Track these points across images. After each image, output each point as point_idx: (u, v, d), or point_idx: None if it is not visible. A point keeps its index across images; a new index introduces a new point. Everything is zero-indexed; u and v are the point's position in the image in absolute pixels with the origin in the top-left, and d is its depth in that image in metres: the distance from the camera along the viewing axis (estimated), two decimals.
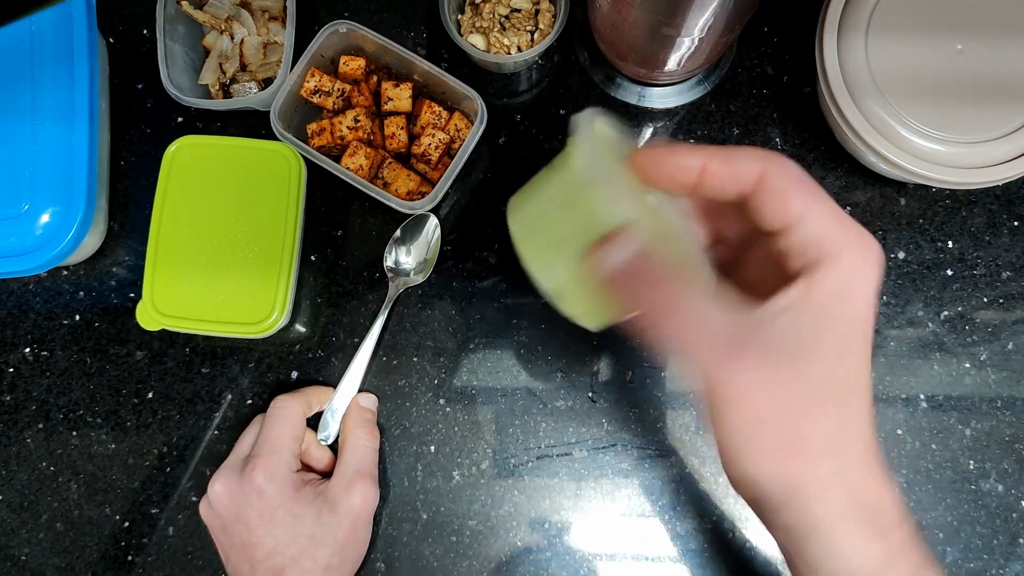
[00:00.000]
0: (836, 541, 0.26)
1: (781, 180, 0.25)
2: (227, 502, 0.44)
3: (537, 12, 0.53)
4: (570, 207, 0.26)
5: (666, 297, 0.24)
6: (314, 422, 0.49)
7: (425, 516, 0.50)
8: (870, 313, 0.25)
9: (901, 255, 0.52)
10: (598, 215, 0.25)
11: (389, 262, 0.52)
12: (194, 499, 0.50)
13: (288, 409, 0.47)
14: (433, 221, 0.52)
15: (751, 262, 0.30)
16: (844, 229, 0.25)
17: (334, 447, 0.49)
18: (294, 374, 0.52)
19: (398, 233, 0.52)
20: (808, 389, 0.24)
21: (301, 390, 0.49)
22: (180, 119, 0.55)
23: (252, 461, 0.44)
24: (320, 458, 0.49)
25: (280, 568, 0.43)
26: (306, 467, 0.48)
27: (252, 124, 0.54)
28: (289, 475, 0.45)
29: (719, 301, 0.25)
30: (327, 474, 0.48)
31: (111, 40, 0.56)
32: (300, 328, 0.52)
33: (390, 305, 0.51)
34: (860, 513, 0.26)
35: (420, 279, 0.51)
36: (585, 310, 0.27)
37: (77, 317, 0.53)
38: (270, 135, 0.49)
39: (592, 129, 0.26)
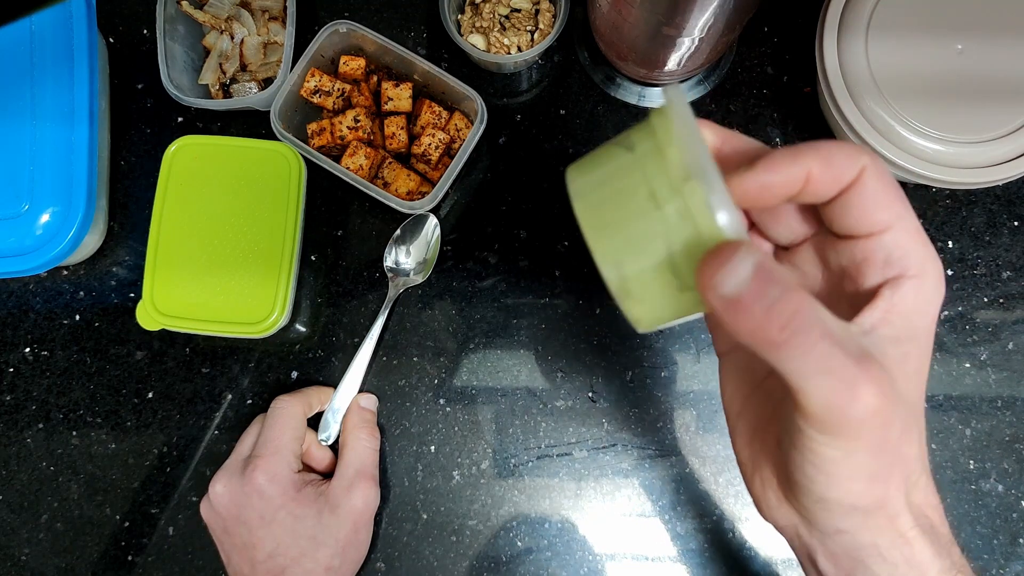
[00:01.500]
0: (914, 556, 0.25)
1: (877, 184, 0.23)
2: (228, 502, 0.44)
3: (537, 12, 0.53)
4: (659, 204, 0.22)
5: (794, 314, 0.20)
6: (314, 422, 0.49)
7: (425, 516, 0.50)
8: (934, 334, 0.25)
9: None
10: (700, 224, 0.21)
11: (389, 262, 0.52)
12: (194, 499, 0.50)
13: (289, 409, 0.47)
14: (433, 221, 0.52)
15: (796, 263, 0.27)
16: (926, 246, 0.24)
17: (335, 447, 0.49)
18: (294, 374, 0.52)
19: (398, 233, 0.52)
20: (905, 410, 0.23)
21: (302, 390, 0.49)
22: (180, 119, 0.55)
23: (253, 462, 0.44)
24: (321, 459, 0.49)
25: (281, 569, 0.43)
26: (307, 468, 0.48)
27: (252, 124, 0.54)
28: (290, 476, 0.45)
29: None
30: (328, 474, 0.48)
31: (111, 40, 0.56)
32: (300, 328, 0.52)
33: (390, 305, 0.51)
34: (928, 531, 0.25)
35: (420, 279, 0.51)
36: (651, 314, 0.24)
37: (77, 317, 0.53)
38: (270, 135, 0.49)
39: (687, 113, 0.22)
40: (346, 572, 0.45)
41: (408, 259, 0.52)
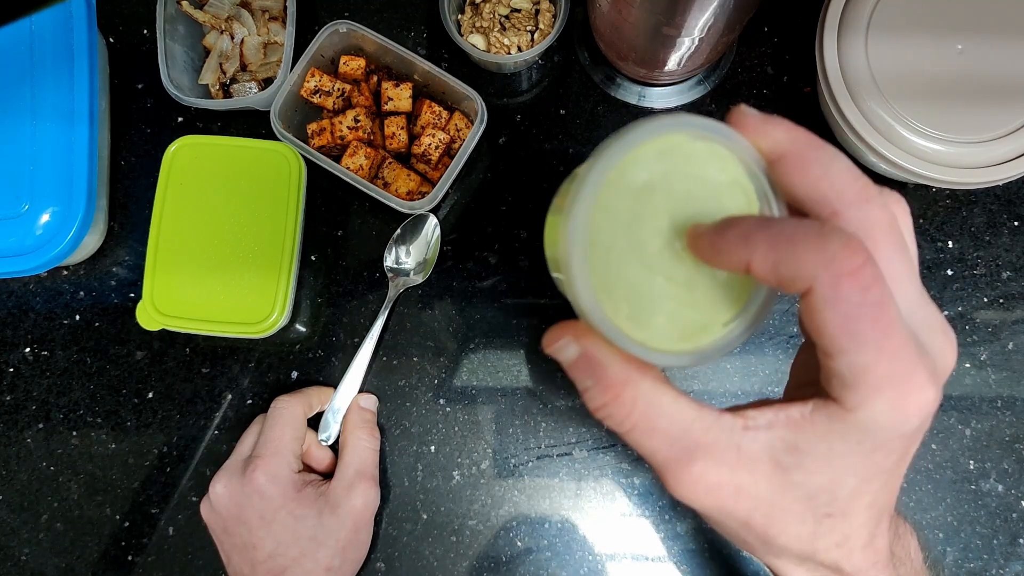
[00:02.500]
0: None
1: (831, 308, 0.19)
2: (228, 503, 0.44)
3: (537, 12, 0.53)
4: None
5: (604, 405, 0.22)
6: (314, 422, 0.49)
7: (425, 516, 0.50)
8: (896, 462, 0.22)
9: None
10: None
11: (389, 262, 0.52)
12: (194, 499, 0.50)
13: (289, 410, 0.47)
14: (433, 221, 0.52)
15: None
16: (894, 365, 0.19)
17: (335, 448, 0.49)
18: (294, 374, 0.52)
19: (398, 233, 0.52)
20: (755, 505, 0.22)
21: (302, 390, 0.49)
22: (180, 119, 0.55)
23: (254, 462, 0.44)
24: (321, 459, 0.49)
25: (281, 569, 0.43)
26: (307, 468, 0.48)
27: (252, 124, 0.54)
28: (291, 476, 0.45)
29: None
30: (328, 475, 0.48)
31: (111, 40, 0.56)
32: (300, 328, 0.52)
33: (390, 305, 0.51)
34: None
35: (420, 279, 0.51)
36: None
37: (77, 317, 0.53)
38: (270, 135, 0.49)
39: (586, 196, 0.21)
40: (346, 572, 0.45)
41: (408, 259, 0.52)
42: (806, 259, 0.18)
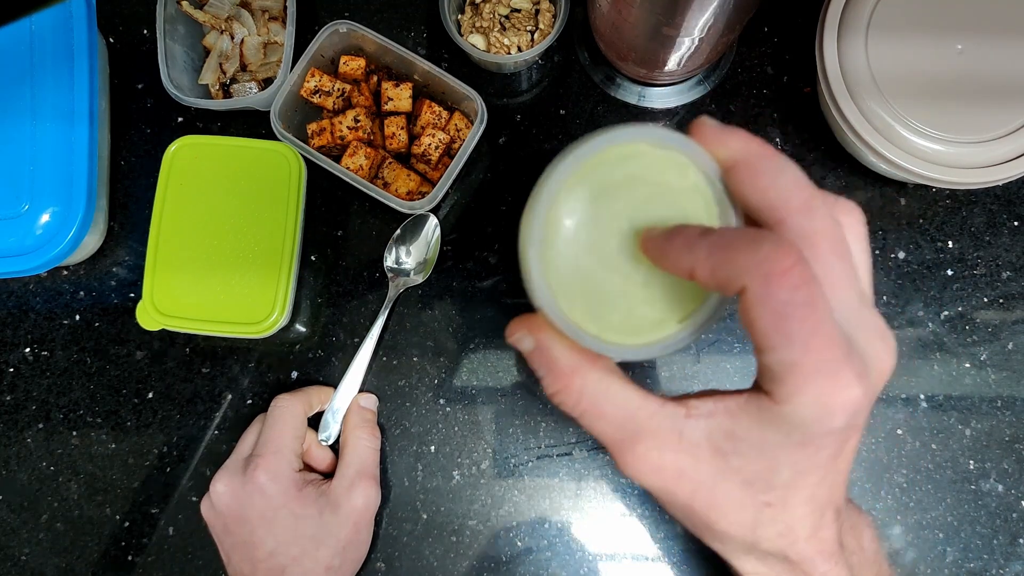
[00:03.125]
0: None
1: (761, 312, 0.20)
2: (229, 501, 0.44)
3: (537, 12, 0.53)
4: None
5: (559, 392, 0.24)
6: (314, 422, 0.49)
7: (425, 516, 0.50)
8: (829, 458, 0.23)
9: (901, 255, 0.52)
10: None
11: (389, 262, 0.52)
12: (194, 499, 0.50)
13: (289, 409, 0.47)
14: (433, 221, 0.52)
15: None
16: (820, 362, 0.20)
17: (335, 448, 0.49)
18: (294, 374, 0.52)
19: (398, 233, 0.52)
20: (697, 487, 0.23)
21: (302, 389, 0.49)
22: (180, 119, 0.55)
23: (254, 461, 0.44)
24: (322, 458, 0.49)
25: (281, 568, 0.43)
26: (308, 467, 0.48)
27: (252, 124, 0.54)
28: (291, 475, 0.45)
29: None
30: (329, 474, 0.48)
31: (111, 40, 0.56)
32: (300, 328, 0.52)
33: (390, 305, 0.51)
34: None
35: (420, 279, 0.51)
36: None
37: (77, 317, 0.53)
38: (270, 135, 0.49)
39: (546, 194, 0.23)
40: (347, 571, 0.45)
41: (408, 259, 0.52)
42: (740, 261, 0.20)
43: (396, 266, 0.52)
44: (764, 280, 0.19)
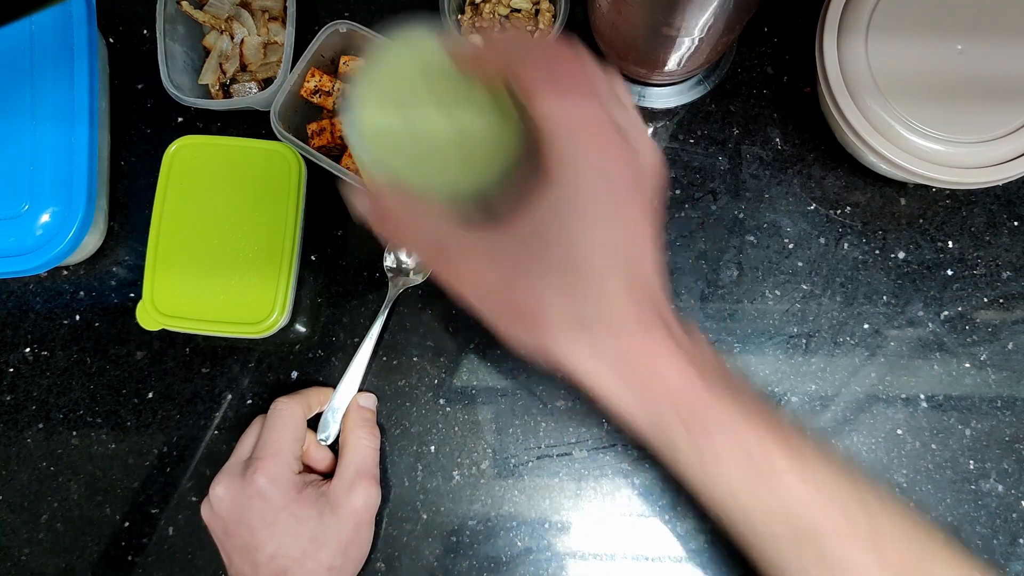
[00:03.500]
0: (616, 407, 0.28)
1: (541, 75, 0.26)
2: (229, 505, 0.44)
3: (537, 12, 0.53)
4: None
5: (389, 225, 0.29)
6: (314, 423, 0.49)
7: (425, 516, 0.50)
8: (620, 212, 0.27)
9: (901, 255, 0.52)
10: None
11: (389, 262, 0.52)
12: (194, 499, 0.50)
13: (288, 411, 0.47)
14: None
15: None
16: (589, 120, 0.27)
17: (335, 448, 0.49)
18: (294, 374, 0.52)
19: None
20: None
21: (301, 391, 0.49)
22: (180, 119, 0.55)
23: (254, 464, 0.44)
24: (321, 459, 0.49)
25: (283, 570, 0.43)
26: (307, 468, 0.48)
27: (252, 124, 0.54)
28: (291, 477, 0.45)
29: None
30: (328, 474, 0.48)
31: (111, 40, 0.56)
32: (300, 328, 0.52)
33: (390, 305, 0.51)
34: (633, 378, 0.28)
35: (420, 279, 0.51)
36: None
37: (77, 317, 0.53)
38: (270, 135, 0.49)
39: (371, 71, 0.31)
40: (348, 571, 0.45)
41: (409, 258, 0.52)
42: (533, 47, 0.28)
43: (396, 266, 0.52)
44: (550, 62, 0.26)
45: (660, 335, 0.28)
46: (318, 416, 0.49)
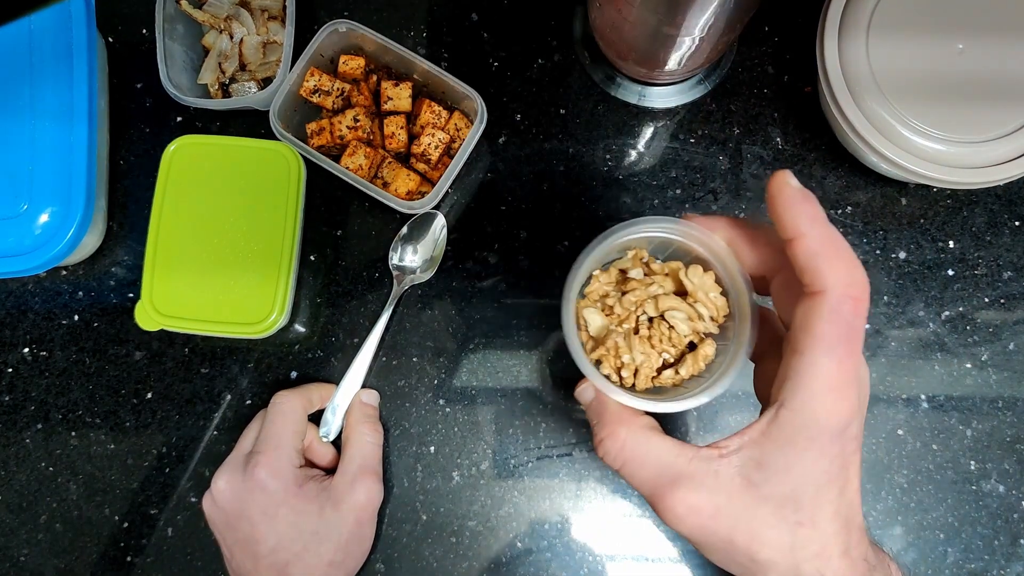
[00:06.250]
0: None
1: (822, 319, 0.24)
2: (230, 498, 0.44)
3: (692, 346, 0.49)
4: None
5: (603, 440, 0.29)
6: (316, 419, 0.49)
7: (425, 517, 0.49)
8: (841, 468, 0.25)
9: (902, 255, 0.51)
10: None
11: (395, 259, 0.52)
12: (193, 500, 0.50)
13: (289, 405, 0.47)
14: (440, 219, 0.52)
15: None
16: (842, 376, 0.24)
17: (337, 443, 0.49)
18: (294, 374, 0.52)
19: (404, 231, 0.52)
20: (730, 515, 0.26)
21: (303, 386, 0.49)
22: (179, 119, 0.55)
23: (255, 457, 0.44)
24: (323, 454, 0.48)
25: (284, 564, 0.43)
26: (310, 463, 0.48)
27: (252, 124, 0.54)
28: (292, 471, 0.45)
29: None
30: (331, 470, 0.48)
31: (111, 40, 0.56)
32: (300, 328, 0.52)
33: (395, 301, 0.51)
34: None
35: (426, 276, 0.51)
36: None
37: (76, 317, 0.53)
38: (269, 135, 0.49)
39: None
40: (349, 567, 0.45)
41: (415, 257, 0.52)
42: (837, 265, 0.24)
43: (402, 264, 0.52)
44: (843, 294, 0.24)
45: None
46: (320, 413, 0.49)
